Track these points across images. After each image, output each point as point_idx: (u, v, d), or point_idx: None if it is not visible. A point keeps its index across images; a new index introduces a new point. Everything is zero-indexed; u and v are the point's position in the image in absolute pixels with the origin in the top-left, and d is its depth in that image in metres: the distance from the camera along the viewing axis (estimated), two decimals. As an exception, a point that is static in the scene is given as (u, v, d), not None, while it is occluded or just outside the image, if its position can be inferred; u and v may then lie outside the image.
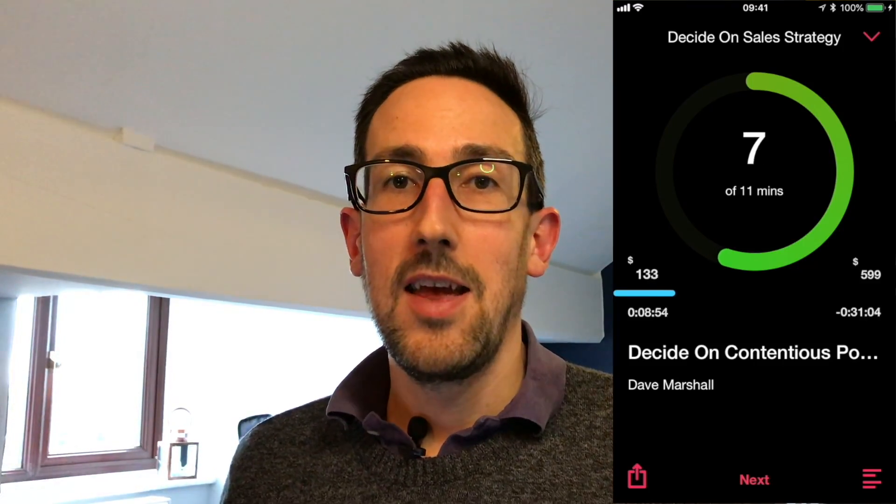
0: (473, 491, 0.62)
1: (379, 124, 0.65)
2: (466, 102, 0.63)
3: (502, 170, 0.62)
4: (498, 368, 0.65)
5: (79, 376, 3.48)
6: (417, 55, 0.67)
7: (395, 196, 0.62)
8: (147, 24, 1.50)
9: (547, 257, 0.69)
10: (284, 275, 2.10)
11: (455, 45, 0.66)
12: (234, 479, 0.73)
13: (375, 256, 0.62)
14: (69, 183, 1.61)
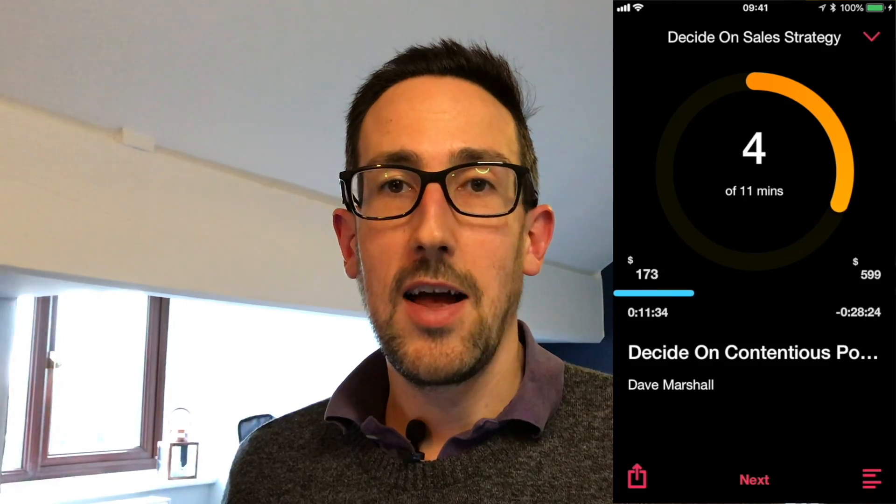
0: (473, 494, 0.61)
1: (372, 126, 0.64)
2: (461, 104, 0.62)
3: (498, 173, 0.62)
4: (496, 368, 0.65)
5: (79, 376, 3.48)
6: (409, 53, 0.66)
7: (390, 201, 0.61)
8: (147, 24, 1.50)
9: (542, 255, 0.69)
10: (284, 275, 2.10)
11: (447, 43, 0.65)
12: (234, 485, 0.73)
13: (373, 263, 0.62)
14: (69, 183, 1.61)
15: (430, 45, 0.66)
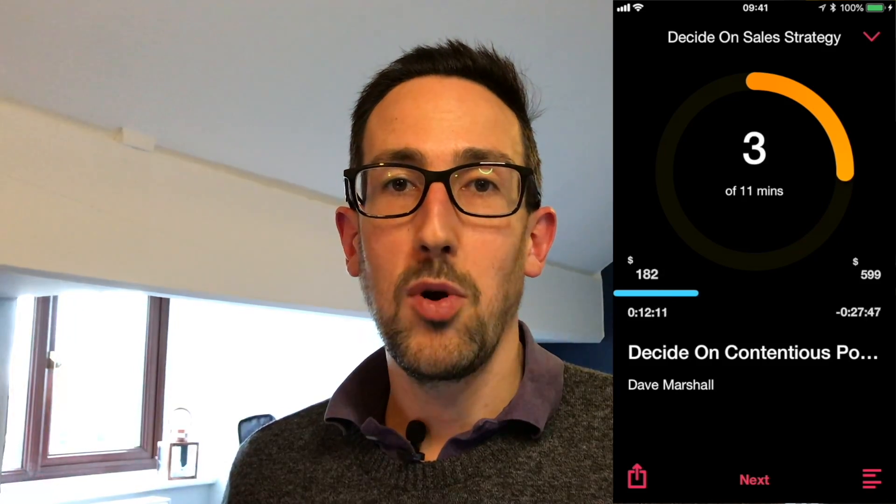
0: (473, 494, 0.61)
1: (377, 125, 0.65)
2: (466, 104, 0.63)
3: (502, 173, 0.62)
4: (496, 368, 0.65)
5: (79, 376, 3.48)
6: (415, 53, 0.66)
7: (394, 199, 0.61)
8: (147, 24, 1.50)
9: (543, 257, 0.69)
10: (284, 275, 2.10)
11: (453, 44, 0.65)
12: (234, 487, 0.73)
13: (378, 262, 0.62)
14: (69, 183, 1.61)
15: (436, 46, 0.66)
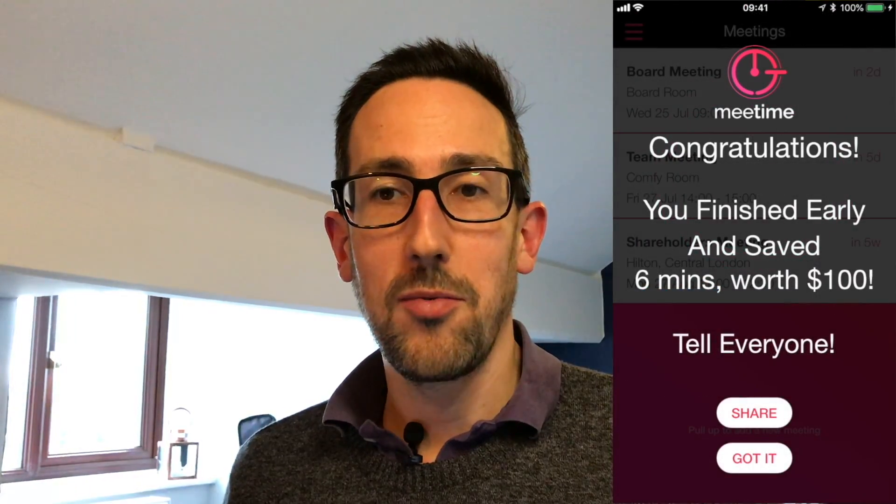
0: (472, 496, 0.61)
1: (362, 131, 0.64)
2: (451, 107, 0.62)
3: (490, 177, 0.62)
4: (492, 368, 0.65)
5: (79, 376, 3.48)
6: (396, 54, 0.65)
7: (383, 208, 0.61)
8: (147, 24, 1.50)
9: (535, 252, 0.69)
10: (284, 275, 2.10)
11: (434, 43, 0.64)
12: (234, 489, 0.73)
13: (368, 270, 0.62)
14: (69, 183, 1.61)
15: (416, 45, 0.65)
